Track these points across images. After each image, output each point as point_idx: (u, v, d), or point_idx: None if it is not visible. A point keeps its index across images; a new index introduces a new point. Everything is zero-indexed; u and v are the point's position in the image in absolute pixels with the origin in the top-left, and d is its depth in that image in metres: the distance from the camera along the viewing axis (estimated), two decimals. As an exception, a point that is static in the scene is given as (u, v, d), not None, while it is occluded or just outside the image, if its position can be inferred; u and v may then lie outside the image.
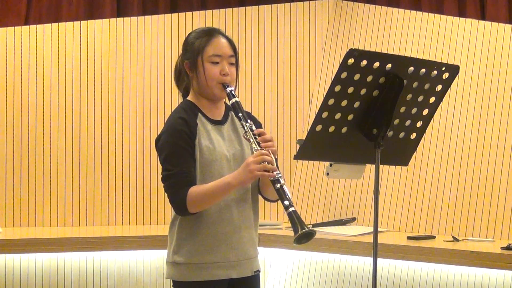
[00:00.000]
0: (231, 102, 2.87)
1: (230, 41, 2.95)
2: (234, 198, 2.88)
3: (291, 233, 4.73)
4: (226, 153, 2.89)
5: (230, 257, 2.87)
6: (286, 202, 2.71)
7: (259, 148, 2.77)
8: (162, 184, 2.89)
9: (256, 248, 2.99)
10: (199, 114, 2.91)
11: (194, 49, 2.91)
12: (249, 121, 2.83)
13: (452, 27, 4.81)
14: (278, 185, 2.73)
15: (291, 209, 2.70)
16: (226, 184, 2.78)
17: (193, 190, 2.79)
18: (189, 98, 2.98)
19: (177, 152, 2.84)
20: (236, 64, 2.95)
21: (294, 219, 2.68)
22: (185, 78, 2.98)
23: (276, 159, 2.86)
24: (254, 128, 2.83)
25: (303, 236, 2.66)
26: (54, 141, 4.91)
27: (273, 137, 2.87)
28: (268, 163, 2.74)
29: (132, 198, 5.01)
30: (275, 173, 2.74)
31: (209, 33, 2.93)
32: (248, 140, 2.82)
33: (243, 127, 2.83)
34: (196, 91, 2.95)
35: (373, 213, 2.95)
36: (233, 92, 2.88)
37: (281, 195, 2.73)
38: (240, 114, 2.84)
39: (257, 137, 2.80)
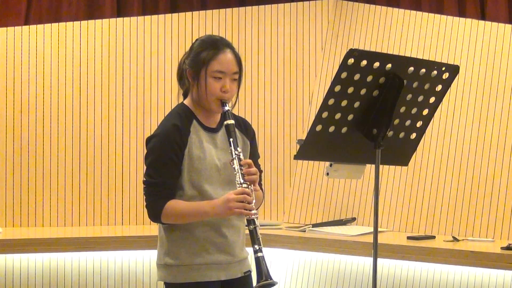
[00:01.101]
0: (225, 123, 2.88)
1: (236, 57, 2.93)
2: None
3: (291, 233, 4.75)
4: (216, 162, 2.90)
5: (220, 259, 2.90)
6: (256, 247, 2.75)
7: (242, 181, 2.80)
8: (142, 186, 2.91)
9: (245, 249, 3.01)
10: (194, 121, 2.92)
11: (199, 60, 2.90)
12: (239, 149, 2.84)
13: (452, 27, 4.81)
14: (252, 227, 2.78)
15: (259, 254, 2.74)
16: (203, 212, 2.83)
17: (170, 205, 2.84)
18: (186, 102, 2.98)
19: (164, 161, 2.85)
20: (239, 80, 2.95)
21: (261, 266, 2.73)
22: (186, 82, 2.98)
23: (261, 171, 2.97)
24: (242, 157, 2.84)
25: (265, 286, 2.72)
26: (54, 141, 4.90)
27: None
28: (249, 203, 2.78)
29: (132, 198, 5.00)
30: (252, 214, 2.78)
31: (217, 47, 2.91)
32: (233, 169, 2.83)
33: (231, 153, 2.84)
34: (194, 99, 2.95)
35: (373, 213, 2.95)
36: (229, 112, 2.88)
37: (253, 237, 2.77)
38: (231, 140, 2.86)
39: (242, 168, 2.82)
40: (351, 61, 2.72)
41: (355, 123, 2.86)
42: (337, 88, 2.76)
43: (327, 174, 3.03)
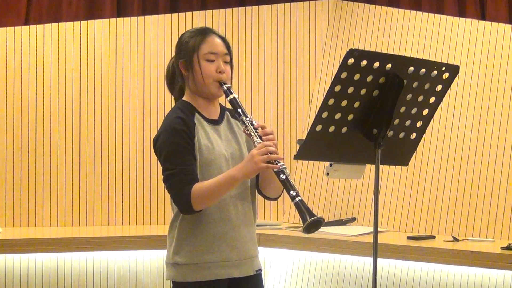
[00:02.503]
0: (229, 98, 2.86)
1: (224, 40, 2.95)
2: (233, 197, 2.86)
3: (291, 233, 4.74)
4: (224, 152, 2.88)
5: (231, 256, 2.86)
6: (293, 193, 2.69)
7: (261, 141, 2.76)
8: (164, 185, 2.86)
9: (257, 247, 2.98)
10: (196, 114, 2.90)
11: (189, 48, 2.91)
12: (248, 115, 2.82)
13: (452, 27, 4.81)
14: (283, 176, 2.71)
15: (297, 199, 2.68)
16: (231, 177, 2.75)
17: (197, 187, 2.77)
18: (184, 98, 2.96)
19: (177, 150, 2.81)
20: (231, 63, 2.94)
21: (302, 208, 2.66)
22: (179, 79, 2.96)
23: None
24: (254, 122, 2.81)
25: (312, 225, 2.65)
26: (54, 141, 4.91)
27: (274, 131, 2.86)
28: (273, 154, 2.72)
29: (132, 198, 5.01)
30: (279, 164, 2.72)
31: (203, 32, 2.94)
32: (249, 135, 2.80)
33: (243, 122, 2.82)
34: (192, 90, 2.93)
35: (373, 213, 2.95)
36: (230, 89, 2.88)
37: (287, 186, 2.71)
38: (239, 110, 2.84)
39: (258, 130, 2.79)
40: (351, 61, 2.72)
41: (355, 123, 2.86)
42: (337, 88, 2.76)
43: (327, 174, 3.02)
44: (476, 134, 4.59)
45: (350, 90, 2.78)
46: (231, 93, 2.86)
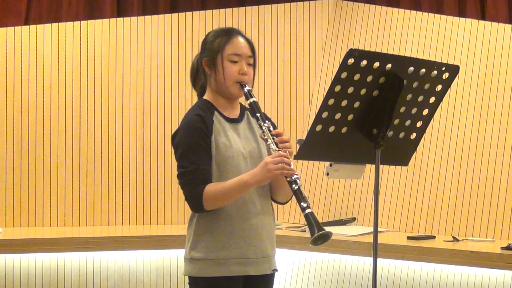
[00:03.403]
0: (248, 102, 2.90)
1: (249, 42, 2.98)
2: (253, 194, 2.88)
3: (291, 233, 4.74)
4: (242, 150, 2.89)
5: (248, 254, 2.87)
6: (304, 204, 2.73)
7: (276, 149, 2.79)
8: (178, 181, 2.88)
9: (275, 246, 3.00)
10: (216, 112, 2.92)
11: (213, 47, 2.93)
12: (267, 121, 2.85)
13: (452, 27, 4.81)
14: (296, 187, 2.76)
15: (308, 211, 2.72)
16: (243, 182, 2.78)
17: (210, 187, 2.80)
18: (205, 97, 2.98)
19: (194, 149, 2.83)
20: (254, 65, 2.98)
21: (311, 221, 2.70)
22: (202, 77, 2.99)
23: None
24: (272, 128, 2.84)
25: (319, 239, 2.70)
26: (54, 141, 4.91)
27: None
28: (286, 164, 2.76)
29: (132, 198, 5.01)
30: (292, 173, 2.76)
31: (229, 33, 2.96)
32: (266, 140, 2.83)
33: (261, 127, 2.84)
34: (213, 89, 2.96)
35: (373, 213, 2.95)
36: (251, 92, 2.91)
37: (298, 196, 2.75)
38: (258, 114, 2.86)
39: (274, 137, 2.82)
40: (351, 61, 2.72)
41: (355, 123, 2.86)
42: (337, 88, 2.76)
43: (327, 174, 3.02)
44: (476, 134, 4.59)
45: (350, 90, 2.78)
46: (252, 97, 2.89)
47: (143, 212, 5.02)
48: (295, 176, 2.76)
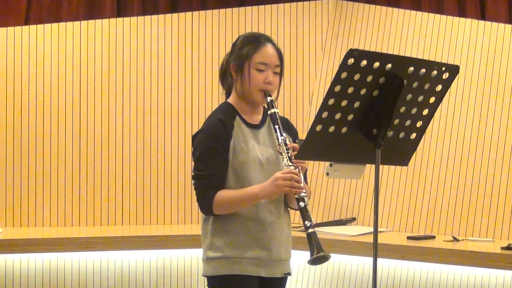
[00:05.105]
0: (269, 112, 2.96)
1: (277, 51, 3.02)
2: (268, 199, 2.92)
3: (292, 233, 4.73)
4: (259, 156, 2.95)
5: (261, 256, 2.93)
6: (307, 223, 2.80)
7: (289, 164, 2.85)
8: (192, 182, 2.96)
9: (289, 250, 3.05)
10: (237, 117, 2.98)
11: (242, 54, 2.98)
12: (284, 134, 2.91)
13: (452, 27, 4.81)
14: (302, 204, 2.82)
15: (310, 230, 2.79)
16: (253, 195, 2.86)
17: (221, 194, 2.87)
18: (230, 100, 3.04)
19: (211, 153, 2.90)
20: (281, 73, 3.02)
21: (312, 241, 2.78)
22: (229, 79, 3.04)
23: (306, 174, 2.99)
24: (288, 142, 2.90)
25: (318, 259, 2.78)
26: (54, 141, 4.91)
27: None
28: (296, 181, 2.82)
29: (132, 198, 5.00)
30: (300, 191, 2.82)
31: (259, 40, 3.00)
32: (280, 154, 2.89)
33: (277, 139, 2.90)
34: (238, 93, 3.01)
35: (373, 213, 2.95)
36: (273, 102, 2.96)
37: (304, 214, 2.82)
38: (276, 126, 2.92)
39: (290, 152, 2.87)
40: (351, 61, 2.72)
41: (355, 123, 2.86)
42: (337, 88, 2.76)
43: (327, 174, 3.03)
44: (476, 134, 4.59)
45: (350, 90, 2.78)
46: (273, 107, 2.95)
47: (143, 212, 5.02)
48: (303, 194, 2.83)
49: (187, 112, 5.09)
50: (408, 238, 4.37)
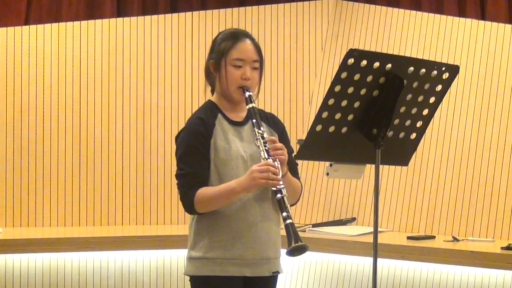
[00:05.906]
0: (247, 107, 2.92)
1: (256, 46, 2.99)
2: (253, 196, 2.90)
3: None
4: (242, 153, 2.91)
5: (245, 255, 2.89)
6: (285, 214, 2.76)
7: (266, 157, 2.81)
8: (176, 182, 2.95)
9: (278, 249, 3.00)
10: (219, 115, 2.96)
11: (219, 51, 2.95)
12: (261, 128, 2.87)
13: (452, 27, 4.81)
14: (279, 196, 2.78)
15: (288, 221, 2.75)
16: (231, 189, 2.83)
17: (201, 192, 2.85)
18: (213, 98, 3.03)
19: (191, 152, 2.89)
20: (260, 69, 2.98)
21: (290, 231, 2.74)
22: (211, 76, 3.02)
23: (296, 164, 2.98)
24: (265, 135, 2.86)
25: (296, 249, 2.74)
26: (54, 141, 4.91)
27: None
28: (273, 173, 2.78)
29: (132, 198, 5.00)
30: (277, 183, 2.78)
31: (236, 36, 2.97)
32: (258, 147, 2.85)
33: (255, 133, 2.87)
34: (218, 91, 3.00)
35: (373, 213, 2.95)
36: (251, 97, 2.92)
37: (281, 206, 2.78)
38: (254, 121, 2.89)
39: (267, 145, 2.83)
40: (351, 61, 2.72)
41: (355, 123, 2.86)
42: (337, 88, 2.76)
43: (327, 174, 3.03)
44: (476, 134, 4.59)
45: (350, 90, 2.78)
46: (251, 102, 2.91)
47: (143, 212, 5.02)
48: (280, 186, 2.79)
49: (187, 112, 5.09)
50: (408, 238, 4.36)
